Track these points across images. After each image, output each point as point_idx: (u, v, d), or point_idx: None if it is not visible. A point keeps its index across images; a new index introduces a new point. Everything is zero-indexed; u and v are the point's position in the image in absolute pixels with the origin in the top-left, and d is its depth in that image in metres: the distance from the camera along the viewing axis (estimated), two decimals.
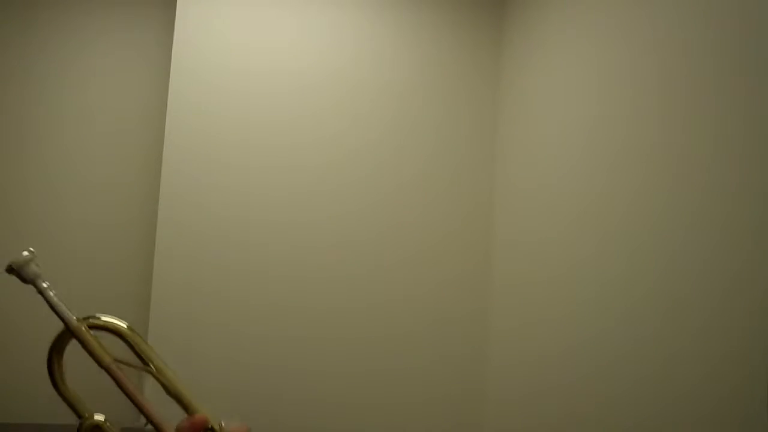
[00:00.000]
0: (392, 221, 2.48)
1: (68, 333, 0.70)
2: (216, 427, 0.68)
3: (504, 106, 2.54)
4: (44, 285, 0.68)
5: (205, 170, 2.35)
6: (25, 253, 0.67)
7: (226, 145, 2.37)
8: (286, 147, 2.41)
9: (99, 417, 0.73)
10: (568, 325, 2.01)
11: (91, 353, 0.69)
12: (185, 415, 0.68)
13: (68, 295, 2.41)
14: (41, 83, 2.63)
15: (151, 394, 2.09)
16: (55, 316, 0.68)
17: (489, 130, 2.58)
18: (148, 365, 0.72)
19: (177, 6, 2.36)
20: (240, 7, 2.42)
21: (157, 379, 0.71)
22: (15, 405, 2.38)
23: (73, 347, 0.76)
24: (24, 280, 0.67)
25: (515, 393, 2.28)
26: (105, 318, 0.71)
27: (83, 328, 0.69)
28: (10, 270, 0.67)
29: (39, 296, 0.79)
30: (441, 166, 2.53)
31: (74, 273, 2.43)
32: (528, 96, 2.39)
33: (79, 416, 0.73)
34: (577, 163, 2.05)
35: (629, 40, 1.87)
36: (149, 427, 0.73)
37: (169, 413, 0.69)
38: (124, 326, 0.71)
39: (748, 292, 1.40)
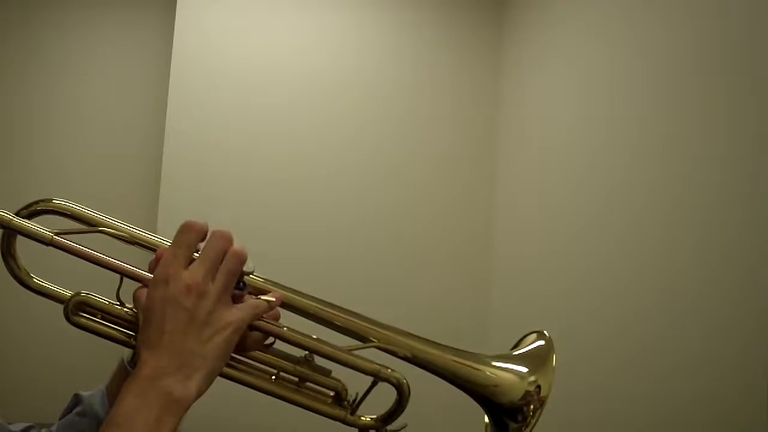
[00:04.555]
0: (390, 231, 2.43)
1: (6, 229, 0.70)
2: (246, 269, 0.69)
3: (505, 107, 2.52)
4: None
5: (205, 176, 2.32)
6: None
7: (227, 148, 2.35)
8: (287, 148, 2.39)
9: (82, 293, 0.72)
10: (568, 340, 1.98)
11: (31, 236, 0.69)
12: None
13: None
14: (40, 83, 2.62)
15: None
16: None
17: (490, 133, 2.56)
18: (98, 227, 0.71)
19: (177, 5, 2.35)
20: (240, 7, 2.41)
21: (114, 236, 0.71)
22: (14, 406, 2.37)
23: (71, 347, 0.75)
24: None
25: None
26: (30, 206, 0.71)
27: (15, 221, 0.69)
28: None
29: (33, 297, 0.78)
30: (441, 171, 2.51)
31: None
32: (529, 97, 2.37)
33: (62, 302, 0.73)
34: (579, 167, 2.03)
35: (634, 39, 1.83)
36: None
37: None
38: (55, 200, 0.71)
39: (752, 302, 1.38)
